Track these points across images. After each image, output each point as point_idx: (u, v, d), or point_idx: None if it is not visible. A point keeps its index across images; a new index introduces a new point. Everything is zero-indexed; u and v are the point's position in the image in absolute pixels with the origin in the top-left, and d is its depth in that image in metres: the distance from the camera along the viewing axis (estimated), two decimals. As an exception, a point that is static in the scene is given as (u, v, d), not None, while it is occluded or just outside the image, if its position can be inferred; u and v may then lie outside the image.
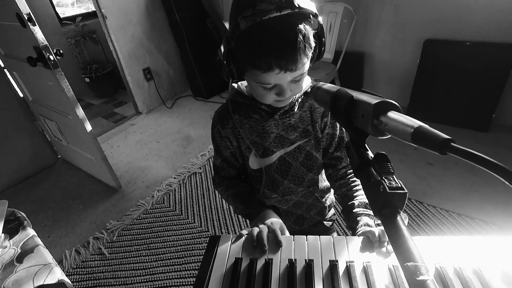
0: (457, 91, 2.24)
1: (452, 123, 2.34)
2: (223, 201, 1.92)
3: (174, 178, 2.16)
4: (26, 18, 1.47)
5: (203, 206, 1.90)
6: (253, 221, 0.74)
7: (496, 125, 2.24)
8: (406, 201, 0.27)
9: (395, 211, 0.27)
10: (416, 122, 0.24)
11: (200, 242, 1.68)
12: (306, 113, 0.77)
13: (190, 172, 2.19)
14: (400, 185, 0.28)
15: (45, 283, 0.70)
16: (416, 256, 0.24)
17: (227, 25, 3.39)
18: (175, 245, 1.67)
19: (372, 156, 0.32)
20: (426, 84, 2.35)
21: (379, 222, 0.55)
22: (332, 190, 0.93)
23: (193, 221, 1.81)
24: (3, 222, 0.81)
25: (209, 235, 1.71)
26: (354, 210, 0.74)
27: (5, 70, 2.15)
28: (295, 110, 0.75)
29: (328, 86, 0.46)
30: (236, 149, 0.81)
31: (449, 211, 1.68)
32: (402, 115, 0.27)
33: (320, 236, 0.63)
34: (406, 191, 0.27)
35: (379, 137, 0.30)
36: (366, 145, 0.34)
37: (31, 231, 0.85)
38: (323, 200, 0.90)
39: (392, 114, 0.27)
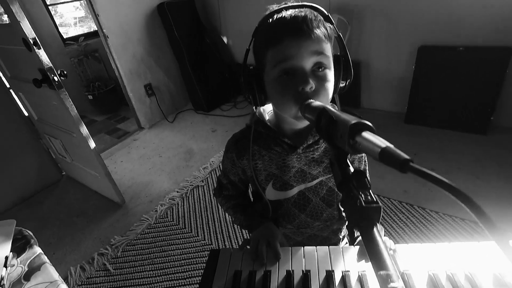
0: (454, 95, 2.27)
1: (451, 127, 2.36)
2: (226, 213, 1.94)
3: (177, 192, 2.18)
4: (32, 43, 1.53)
5: (206, 219, 1.92)
6: (253, 233, 0.75)
7: (495, 127, 2.25)
8: (381, 214, 0.30)
9: (371, 224, 0.30)
10: (384, 143, 0.27)
11: (204, 255, 1.69)
12: None
13: (192, 185, 2.22)
14: (375, 200, 0.30)
15: (51, 300, 0.72)
16: (388, 265, 0.26)
17: (225, 39, 3.47)
18: (179, 259, 1.68)
19: (352, 171, 0.34)
20: (423, 89, 2.38)
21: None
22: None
23: (196, 235, 1.82)
24: (11, 241, 0.84)
25: (212, 248, 1.72)
26: None
27: (11, 90, 2.22)
28: (321, 143, 0.69)
29: (315, 104, 0.49)
30: (250, 179, 0.77)
31: (452, 216, 1.68)
32: (374, 135, 0.29)
33: (317, 247, 0.65)
34: (380, 205, 0.30)
35: (356, 155, 0.32)
36: (348, 161, 0.36)
37: (37, 249, 0.87)
38: (339, 233, 0.87)
39: (366, 134, 0.30)
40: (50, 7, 3.47)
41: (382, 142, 0.27)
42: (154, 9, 2.98)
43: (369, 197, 0.30)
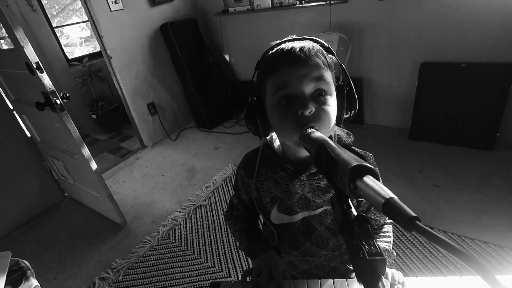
0: (458, 111, 2.25)
1: (457, 143, 2.32)
2: (229, 234, 1.90)
3: (180, 212, 2.15)
4: (35, 67, 1.56)
5: (209, 240, 1.88)
6: (255, 261, 0.73)
7: (501, 143, 2.21)
8: (386, 266, 0.28)
9: (376, 278, 0.27)
10: (388, 193, 0.25)
11: (206, 278, 1.64)
12: None
13: (195, 205, 2.19)
14: (379, 251, 0.28)
15: (45, 338, 0.69)
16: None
17: (227, 57, 3.52)
18: (181, 282, 1.64)
19: (355, 215, 0.32)
20: (426, 105, 2.37)
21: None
22: None
23: (199, 257, 1.78)
24: (5, 276, 0.81)
25: (215, 271, 1.67)
26: None
27: (14, 112, 2.25)
28: None
29: (315, 135, 0.47)
30: (257, 200, 0.76)
31: (461, 236, 1.63)
32: (377, 182, 0.27)
33: (321, 280, 0.62)
34: (384, 257, 0.28)
35: (357, 199, 0.30)
36: (350, 202, 0.34)
37: (34, 282, 0.85)
38: (348, 263, 0.83)
39: (368, 180, 0.28)
40: (56, 29, 3.56)
41: (385, 192, 0.25)
42: (157, 29, 3.04)
43: (372, 247, 0.28)
